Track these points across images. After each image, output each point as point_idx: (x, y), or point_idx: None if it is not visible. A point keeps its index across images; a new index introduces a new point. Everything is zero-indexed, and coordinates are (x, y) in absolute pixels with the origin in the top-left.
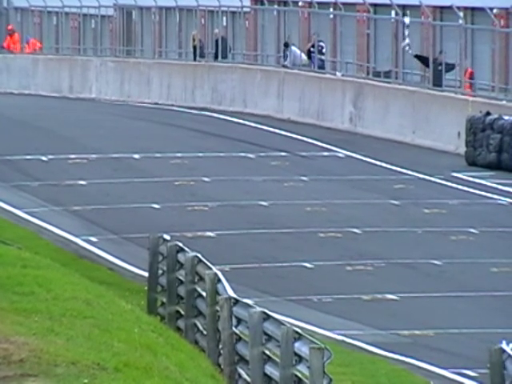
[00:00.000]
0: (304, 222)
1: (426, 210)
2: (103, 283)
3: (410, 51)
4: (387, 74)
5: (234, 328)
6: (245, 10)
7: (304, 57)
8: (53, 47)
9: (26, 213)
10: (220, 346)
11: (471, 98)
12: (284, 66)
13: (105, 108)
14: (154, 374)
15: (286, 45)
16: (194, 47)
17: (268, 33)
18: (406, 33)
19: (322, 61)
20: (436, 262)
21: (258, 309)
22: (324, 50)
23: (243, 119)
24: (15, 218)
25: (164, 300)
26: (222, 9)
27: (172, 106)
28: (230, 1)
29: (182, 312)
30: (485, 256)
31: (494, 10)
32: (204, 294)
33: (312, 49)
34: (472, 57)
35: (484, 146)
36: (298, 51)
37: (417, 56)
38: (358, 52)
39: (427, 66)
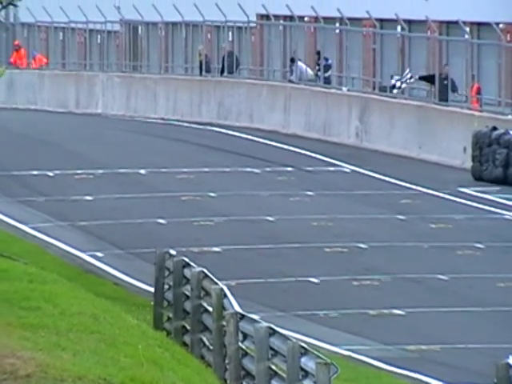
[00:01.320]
0: (310, 237)
1: (433, 225)
2: (109, 298)
3: (413, 79)
4: (393, 89)
5: (240, 343)
6: (251, 25)
7: (310, 72)
8: (59, 62)
9: (33, 228)
10: (226, 361)
11: (477, 113)
12: (290, 81)
13: (111, 123)
14: None
15: (293, 60)
16: (201, 62)
17: (274, 48)
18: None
19: (328, 77)
20: (442, 276)
21: (264, 324)
22: (330, 67)
23: (249, 134)
24: (21, 233)
25: (170, 315)
26: (228, 24)
27: (178, 120)
28: (236, 16)
29: (188, 327)
30: (491, 271)
31: (501, 25)
32: (210, 309)
33: (318, 66)
34: (478, 72)
35: (490, 161)
36: (303, 66)
37: (421, 78)
38: (363, 67)
39: (433, 83)
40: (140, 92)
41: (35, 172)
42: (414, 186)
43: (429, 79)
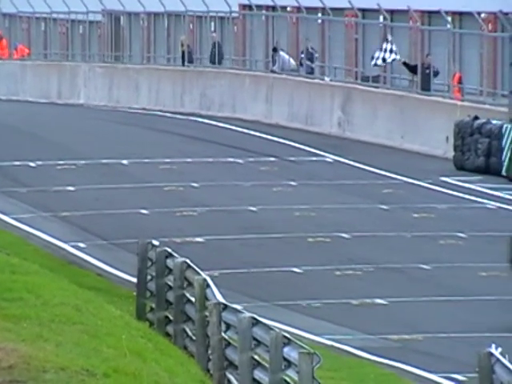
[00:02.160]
0: (293, 227)
1: (415, 215)
2: (92, 289)
3: (398, 58)
4: (375, 79)
5: (223, 333)
6: (233, 15)
7: (292, 62)
8: (41, 53)
9: (15, 219)
10: (209, 352)
11: (459, 103)
12: (272, 71)
13: (93, 113)
14: (143, 380)
15: (275, 49)
16: (183, 52)
17: (256, 38)
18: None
19: (312, 67)
20: (425, 266)
21: (247, 314)
22: (316, 57)
23: (232, 124)
24: (3, 223)
25: (153, 306)
26: (211, 14)
27: (161, 111)
28: (218, 6)
29: (171, 317)
30: (473, 260)
31: (482, 15)
32: (193, 299)
33: (302, 55)
34: (460, 61)
35: (472, 151)
36: (286, 56)
37: (405, 64)
38: (346, 57)
39: (415, 73)
40: (122, 82)
41: (17, 162)
42: (396, 176)
43: (411, 69)
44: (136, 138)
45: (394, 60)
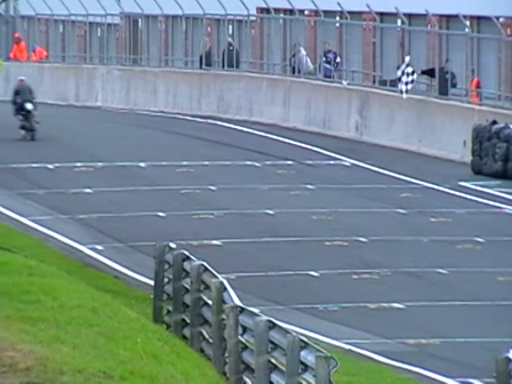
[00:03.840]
0: (310, 231)
1: (433, 219)
2: (109, 291)
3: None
4: (393, 83)
5: (239, 336)
6: (251, 18)
7: (310, 64)
8: (59, 55)
9: (32, 221)
10: (226, 355)
11: (477, 107)
12: (292, 70)
13: (111, 116)
14: (160, 383)
15: (298, 44)
16: (206, 53)
17: (274, 41)
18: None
19: (330, 70)
20: (442, 270)
21: (264, 317)
22: (338, 61)
23: (249, 128)
24: (21, 226)
25: (170, 308)
26: (229, 17)
27: (178, 114)
28: (236, 9)
29: (188, 320)
30: (491, 265)
31: (501, 19)
32: (210, 302)
33: (323, 58)
34: (478, 66)
35: (490, 155)
36: (305, 57)
37: (423, 72)
38: (363, 61)
39: (433, 76)
40: (140, 85)
41: (35, 165)
42: (414, 180)
43: (429, 73)
44: (153, 140)
45: (413, 81)
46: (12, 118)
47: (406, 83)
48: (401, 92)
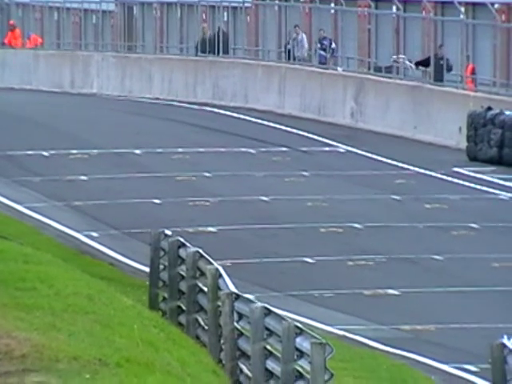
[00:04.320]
0: (305, 218)
1: (428, 205)
2: (104, 279)
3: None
4: (388, 70)
5: (235, 323)
6: (246, 5)
7: (306, 47)
8: (54, 42)
9: (28, 208)
10: (221, 342)
11: (472, 94)
12: (289, 54)
13: (106, 103)
14: (156, 370)
15: (297, 26)
16: (203, 40)
17: (269, 28)
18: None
19: (326, 57)
20: (437, 257)
21: (260, 304)
22: (333, 48)
23: (244, 114)
24: (16, 213)
25: (165, 295)
26: (224, 4)
27: (173, 101)
28: None
29: (184, 307)
30: (486, 251)
31: (496, 5)
32: (205, 289)
33: (317, 44)
34: (473, 52)
35: (485, 141)
36: (305, 40)
37: (418, 63)
38: (359, 47)
39: (428, 65)
40: (135, 72)
41: (30, 152)
42: (409, 167)
43: (424, 63)
44: (148, 127)
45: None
46: (8, 104)
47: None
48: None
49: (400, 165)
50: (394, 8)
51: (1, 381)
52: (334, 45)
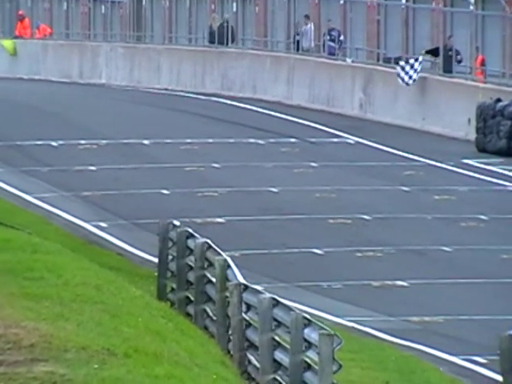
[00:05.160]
0: (313, 209)
1: (436, 197)
2: (113, 269)
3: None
4: (397, 61)
5: (243, 314)
6: None
7: (312, 38)
8: (63, 33)
9: (36, 198)
10: (230, 332)
11: (481, 85)
12: (297, 46)
13: (115, 94)
14: (164, 360)
15: (308, 16)
16: (213, 29)
17: (278, 19)
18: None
19: (334, 48)
20: (446, 248)
21: (268, 295)
22: (341, 39)
23: (253, 105)
24: (25, 203)
25: (174, 286)
26: None
27: (182, 91)
28: None
29: (192, 298)
30: (495, 242)
31: None
32: (214, 279)
33: (325, 36)
34: (482, 43)
35: (494, 133)
36: (311, 32)
37: (428, 52)
38: (368, 38)
39: (438, 55)
40: (143, 63)
41: (39, 142)
42: (417, 158)
43: (434, 52)
44: (157, 118)
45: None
46: (17, 94)
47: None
48: (402, 80)
49: (409, 156)
50: None
51: (9, 370)
52: (342, 37)
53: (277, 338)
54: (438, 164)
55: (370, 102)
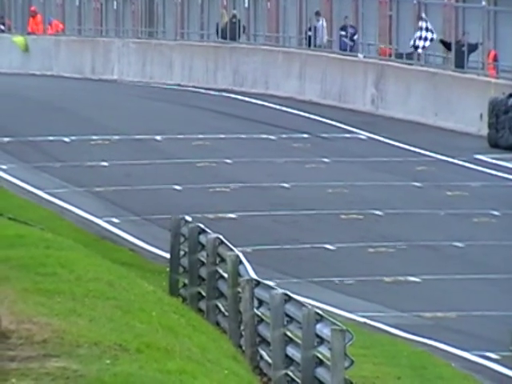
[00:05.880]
0: (325, 204)
1: (449, 192)
2: (125, 264)
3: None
4: (409, 56)
5: (255, 310)
6: None
7: (325, 36)
8: (75, 28)
9: (49, 194)
10: (241, 328)
11: (494, 80)
12: (309, 42)
13: (127, 89)
14: (176, 356)
15: (319, 13)
16: (226, 24)
17: (290, 14)
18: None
19: (348, 44)
20: (458, 244)
21: (280, 290)
22: (355, 38)
23: (265, 101)
24: (37, 198)
25: (186, 281)
26: None
27: (194, 87)
28: None
29: (204, 293)
30: (507, 238)
31: None
32: (226, 275)
33: (342, 32)
34: (495, 39)
35: (506, 128)
36: (324, 28)
37: (442, 41)
38: (379, 34)
39: (450, 50)
40: (156, 58)
41: (51, 138)
42: (430, 153)
43: (448, 46)
44: (169, 114)
45: (432, 40)
46: (29, 90)
47: (425, 38)
48: (416, 48)
49: (421, 151)
50: None
51: (22, 366)
52: (356, 36)
53: (289, 333)
54: (450, 159)
55: (382, 97)
